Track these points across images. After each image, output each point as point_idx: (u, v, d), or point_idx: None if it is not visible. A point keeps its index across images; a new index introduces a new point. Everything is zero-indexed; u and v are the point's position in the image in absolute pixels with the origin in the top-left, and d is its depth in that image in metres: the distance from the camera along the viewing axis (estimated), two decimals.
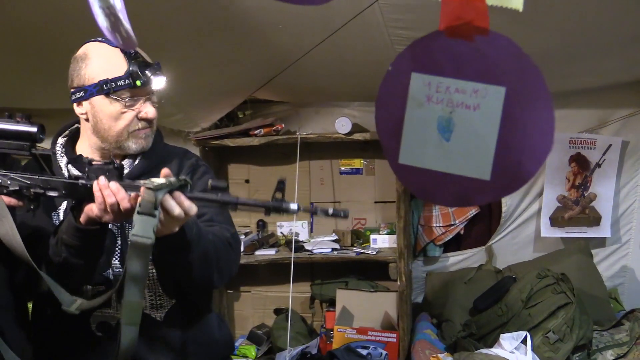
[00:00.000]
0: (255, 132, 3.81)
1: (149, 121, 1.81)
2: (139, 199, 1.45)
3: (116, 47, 1.72)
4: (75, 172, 1.82)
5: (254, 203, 1.55)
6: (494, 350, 3.09)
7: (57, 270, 1.65)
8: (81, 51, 1.79)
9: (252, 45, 2.91)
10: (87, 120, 1.81)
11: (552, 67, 3.04)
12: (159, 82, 1.76)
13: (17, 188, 1.59)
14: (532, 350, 3.06)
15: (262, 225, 4.19)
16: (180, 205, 1.49)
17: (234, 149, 3.99)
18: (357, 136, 3.72)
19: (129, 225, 1.79)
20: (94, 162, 1.59)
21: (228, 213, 1.98)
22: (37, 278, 1.65)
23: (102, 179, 1.54)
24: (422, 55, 1.05)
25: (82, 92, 1.76)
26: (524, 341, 3.07)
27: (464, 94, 1.02)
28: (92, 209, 1.56)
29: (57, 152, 1.88)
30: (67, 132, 1.92)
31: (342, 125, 3.70)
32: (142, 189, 1.46)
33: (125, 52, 1.72)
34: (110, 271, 1.81)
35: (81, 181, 1.57)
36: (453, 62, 1.03)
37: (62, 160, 1.87)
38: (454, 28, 1.03)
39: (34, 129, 1.60)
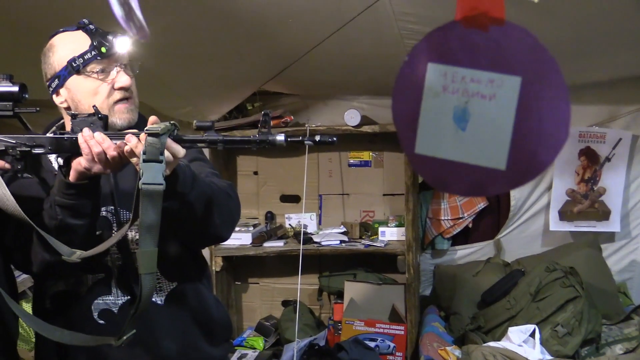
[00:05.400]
0: None
1: (125, 90, 1.77)
2: (142, 146, 1.47)
3: (76, 29, 1.73)
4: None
5: (240, 139, 1.57)
6: (502, 344, 3.10)
7: (56, 235, 1.62)
8: (47, 45, 1.79)
9: (262, 38, 2.91)
10: (68, 108, 1.79)
11: (563, 61, 3.02)
12: (122, 44, 1.72)
13: (3, 148, 1.61)
14: (541, 343, 3.06)
15: (270, 217, 4.20)
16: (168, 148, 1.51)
17: None
18: (366, 128, 3.72)
19: (123, 210, 1.81)
20: (78, 116, 1.61)
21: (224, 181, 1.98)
22: (27, 237, 1.66)
23: (86, 130, 1.57)
24: (438, 45, 1.05)
25: (56, 79, 1.76)
26: (532, 334, 3.08)
27: (479, 84, 1.03)
28: (80, 162, 1.58)
29: None
30: (53, 127, 1.90)
31: (351, 118, 3.70)
32: (143, 135, 1.48)
33: (86, 30, 1.72)
34: (109, 257, 1.82)
35: (66, 135, 1.60)
36: (469, 52, 1.04)
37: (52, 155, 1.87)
38: (470, 18, 1.03)
39: (16, 89, 1.63)
